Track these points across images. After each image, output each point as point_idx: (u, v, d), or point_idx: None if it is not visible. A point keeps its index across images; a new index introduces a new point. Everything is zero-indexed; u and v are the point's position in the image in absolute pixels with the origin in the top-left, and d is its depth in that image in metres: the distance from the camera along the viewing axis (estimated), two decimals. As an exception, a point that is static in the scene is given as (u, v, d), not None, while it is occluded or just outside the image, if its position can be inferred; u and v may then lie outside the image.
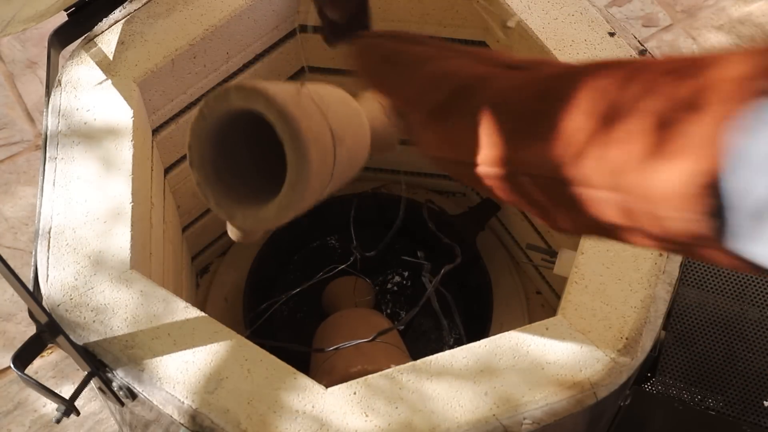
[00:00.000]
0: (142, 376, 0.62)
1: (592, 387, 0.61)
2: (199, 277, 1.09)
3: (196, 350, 0.63)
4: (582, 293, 0.67)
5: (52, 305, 0.66)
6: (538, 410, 0.60)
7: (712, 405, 1.05)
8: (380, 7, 0.93)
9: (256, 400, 0.61)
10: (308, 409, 0.60)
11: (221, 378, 0.61)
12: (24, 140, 1.42)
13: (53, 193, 0.72)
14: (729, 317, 1.12)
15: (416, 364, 0.63)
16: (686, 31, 1.57)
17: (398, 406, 0.61)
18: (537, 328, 0.65)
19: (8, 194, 1.36)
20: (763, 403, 1.05)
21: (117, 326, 0.64)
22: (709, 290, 1.15)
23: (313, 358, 0.87)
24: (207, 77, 0.89)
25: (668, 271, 0.68)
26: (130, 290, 0.66)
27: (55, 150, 0.74)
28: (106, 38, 0.82)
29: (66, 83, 0.79)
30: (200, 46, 0.84)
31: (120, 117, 0.76)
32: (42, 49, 1.48)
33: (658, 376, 1.07)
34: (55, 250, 0.68)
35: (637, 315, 0.65)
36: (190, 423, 0.60)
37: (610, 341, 0.64)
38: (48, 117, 0.77)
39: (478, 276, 1.04)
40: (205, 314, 0.65)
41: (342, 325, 0.92)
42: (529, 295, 1.06)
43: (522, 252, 1.05)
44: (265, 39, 0.93)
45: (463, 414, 0.60)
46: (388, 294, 1.07)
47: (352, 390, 0.61)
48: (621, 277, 0.67)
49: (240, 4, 0.86)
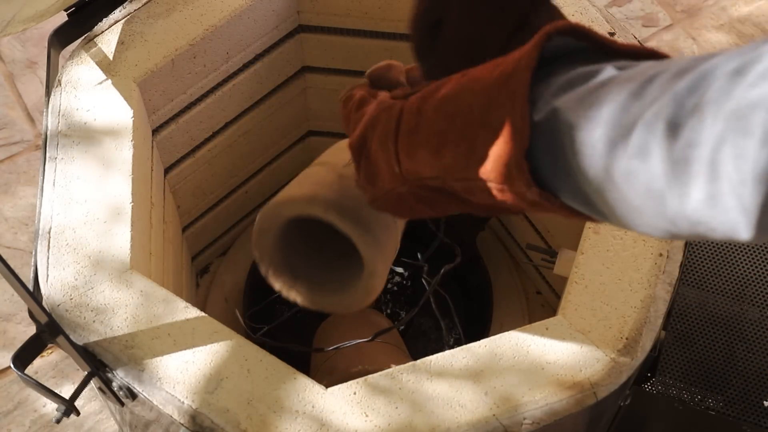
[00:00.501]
0: (142, 376, 0.62)
1: (592, 387, 0.61)
2: (199, 277, 1.09)
3: (196, 350, 0.63)
4: (582, 293, 0.67)
5: (52, 305, 0.66)
6: (538, 410, 0.60)
7: (712, 405, 1.05)
8: (380, 8, 0.93)
9: (256, 400, 0.61)
10: (308, 409, 0.60)
11: (221, 378, 0.61)
12: (24, 140, 1.42)
13: (53, 193, 0.72)
14: (729, 317, 1.12)
15: (416, 364, 0.63)
16: (686, 31, 1.57)
17: (398, 406, 0.61)
18: (537, 328, 0.65)
19: (8, 194, 1.36)
20: (763, 403, 1.05)
21: (117, 326, 0.64)
22: (709, 290, 1.15)
23: (313, 358, 0.88)
24: (207, 77, 0.89)
25: (668, 271, 0.68)
26: (130, 290, 0.66)
27: (55, 150, 0.74)
28: (106, 38, 0.82)
29: (66, 83, 0.79)
30: (200, 46, 0.84)
31: (120, 117, 0.76)
32: (42, 49, 1.48)
33: (658, 376, 1.07)
34: (55, 250, 0.68)
35: (637, 315, 0.65)
36: (190, 423, 0.60)
37: (610, 341, 0.64)
38: (48, 117, 0.77)
39: (478, 276, 1.04)
40: (205, 314, 0.65)
41: (342, 325, 0.92)
42: (529, 295, 1.06)
43: (522, 252, 1.05)
44: (265, 39, 0.93)
45: (463, 414, 0.60)
46: (388, 294, 1.07)
47: (352, 390, 0.61)
48: (621, 277, 0.67)
49: (240, 4, 0.86)
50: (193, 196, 1.00)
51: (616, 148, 0.33)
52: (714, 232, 0.32)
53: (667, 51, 0.61)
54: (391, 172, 0.45)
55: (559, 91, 0.37)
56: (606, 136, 0.34)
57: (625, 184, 0.34)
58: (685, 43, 1.55)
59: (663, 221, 0.34)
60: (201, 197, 1.01)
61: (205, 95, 0.90)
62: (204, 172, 0.98)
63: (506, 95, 0.38)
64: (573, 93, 0.36)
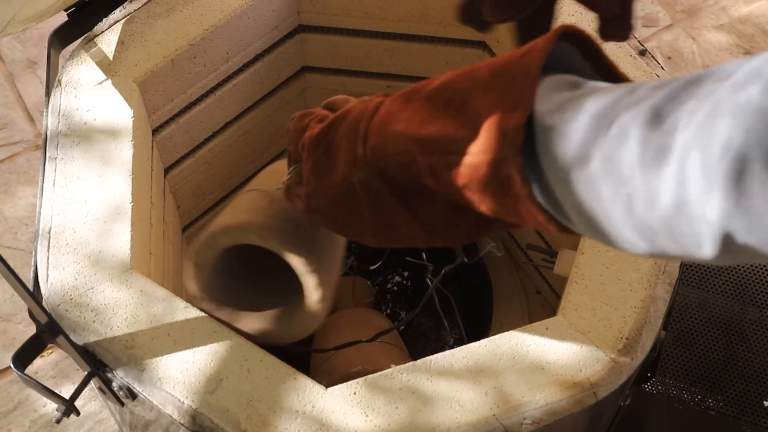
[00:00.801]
0: (142, 376, 0.62)
1: (592, 387, 0.61)
2: (199, 277, 1.09)
3: (196, 350, 0.63)
4: (582, 293, 0.67)
5: (52, 305, 0.66)
6: (538, 410, 0.60)
7: (712, 405, 1.05)
8: (380, 7, 0.93)
9: (256, 400, 0.61)
10: (308, 409, 0.60)
11: (221, 378, 0.61)
12: (24, 140, 1.42)
13: (53, 193, 0.72)
14: (729, 317, 1.12)
15: (416, 364, 0.63)
16: (686, 31, 1.57)
17: (398, 406, 0.61)
18: (537, 328, 0.65)
19: (8, 194, 1.36)
20: (763, 403, 1.05)
21: (117, 326, 0.64)
22: (709, 290, 1.15)
23: (313, 359, 0.87)
24: (207, 77, 0.89)
25: (668, 271, 0.68)
26: (130, 290, 0.66)
27: (55, 150, 0.74)
28: (106, 38, 0.82)
29: (66, 83, 0.79)
30: (200, 46, 0.84)
31: (120, 117, 0.76)
32: (42, 49, 1.48)
33: (658, 376, 1.07)
34: (55, 250, 0.68)
35: (637, 315, 0.65)
36: (190, 423, 0.60)
37: (610, 341, 0.64)
38: (48, 117, 0.77)
39: (478, 276, 1.04)
40: (205, 314, 0.65)
41: (342, 325, 0.92)
42: (529, 295, 1.06)
43: (522, 252, 1.05)
44: (265, 39, 0.93)
45: (463, 414, 0.60)
46: (388, 294, 1.07)
47: (352, 390, 0.61)
48: (621, 277, 0.67)
49: (240, 4, 0.86)
50: (193, 196, 1.00)
51: (596, 135, 0.33)
52: (677, 245, 0.32)
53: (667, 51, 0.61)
54: (350, 156, 0.44)
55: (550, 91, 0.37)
56: (587, 124, 0.34)
57: (597, 179, 0.33)
58: (685, 43, 1.55)
59: (628, 228, 0.33)
60: (201, 197, 1.01)
61: (205, 95, 0.91)
62: (204, 172, 0.98)
63: (519, 69, 0.38)
64: (560, 95, 0.37)
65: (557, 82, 0.38)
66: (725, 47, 1.55)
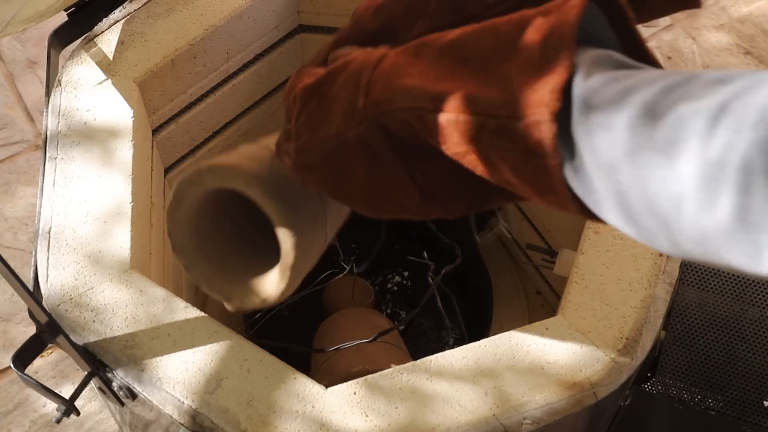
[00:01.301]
0: (142, 376, 0.62)
1: (592, 387, 0.61)
2: (199, 277, 1.09)
3: (196, 350, 0.63)
4: (582, 293, 0.67)
5: (52, 305, 0.66)
6: (538, 410, 0.60)
7: (712, 405, 1.05)
8: (380, 7, 0.93)
9: (255, 401, 0.61)
10: (308, 409, 0.60)
11: (221, 378, 0.61)
12: (24, 140, 1.42)
13: (53, 193, 0.72)
14: (729, 317, 1.12)
15: (416, 364, 0.63)
16: (686, 31, 1.57)
17: (398, 406, 0.61)
18: (537, 328, 0.65)
19: (8, 194, 1.36)
20: (763, 403, 1.05)
21: (117, 326, 0.64)
22: (709, 290, 1.15)
23: (314, 359, 0.88)
24: (207, 77, 0.89)
25: (668, 271, 0.68)
26: (130, 290, 0.66)
27: (55, 150, 0.74)
28: (106, 38, 0.82)
29: (66, 83, 0.79)
30: (200, 46, 0.84)
31: (120, 117, 0.76)
32: (42, 49, 1.48)
33: (658, 376, 1.07)
34: (55, 250, 0.68)
35: (637, 315, 0.65)
36: (190, 423, 0.60)
37: (610, 341, 0.64)
38: (48, 117, 0.77)
39: (478, 276, 1.04)
40: (205, 314, 0.65)
41: (342, 325, 0.92)
42: (529, 295, 1.06)
43: (522, 252, 1.05)
44: (265, 39, 0.93)
45: (463, 414, 0.60)
46: (388, 294, 1.07)
47: (352, 390, 0.61)
48: (621, 277, 0.67)
49: (240, 4, 0.86)
50: (193, 196, 0.99)
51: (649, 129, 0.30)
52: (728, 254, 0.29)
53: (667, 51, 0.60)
54: (349, 108, 0.41)
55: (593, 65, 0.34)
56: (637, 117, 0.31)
57: (639, 170, 0.31)
58: (685, 43, 1.55)
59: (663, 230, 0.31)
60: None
61: (205, 95, 0.91)
62: (204, 172, 0.98)
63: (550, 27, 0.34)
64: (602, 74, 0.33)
65: (598, 57, 0.34)
66: (725, 47, 1.55)
